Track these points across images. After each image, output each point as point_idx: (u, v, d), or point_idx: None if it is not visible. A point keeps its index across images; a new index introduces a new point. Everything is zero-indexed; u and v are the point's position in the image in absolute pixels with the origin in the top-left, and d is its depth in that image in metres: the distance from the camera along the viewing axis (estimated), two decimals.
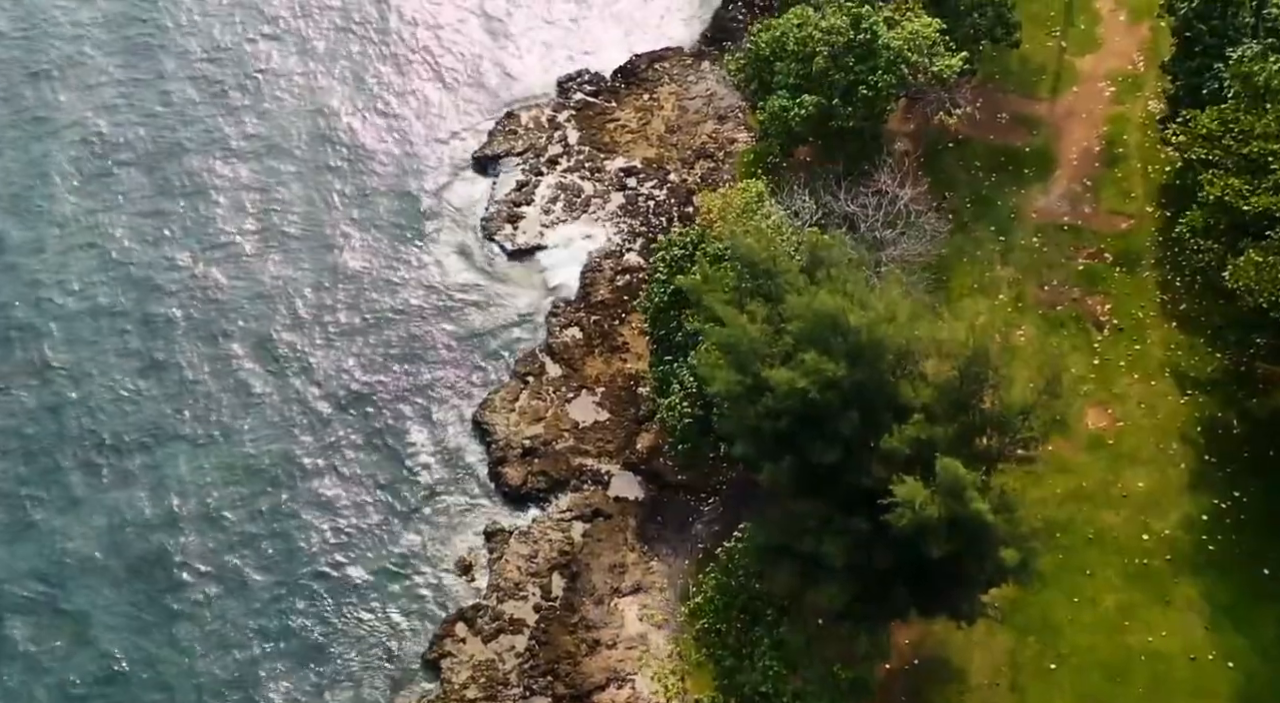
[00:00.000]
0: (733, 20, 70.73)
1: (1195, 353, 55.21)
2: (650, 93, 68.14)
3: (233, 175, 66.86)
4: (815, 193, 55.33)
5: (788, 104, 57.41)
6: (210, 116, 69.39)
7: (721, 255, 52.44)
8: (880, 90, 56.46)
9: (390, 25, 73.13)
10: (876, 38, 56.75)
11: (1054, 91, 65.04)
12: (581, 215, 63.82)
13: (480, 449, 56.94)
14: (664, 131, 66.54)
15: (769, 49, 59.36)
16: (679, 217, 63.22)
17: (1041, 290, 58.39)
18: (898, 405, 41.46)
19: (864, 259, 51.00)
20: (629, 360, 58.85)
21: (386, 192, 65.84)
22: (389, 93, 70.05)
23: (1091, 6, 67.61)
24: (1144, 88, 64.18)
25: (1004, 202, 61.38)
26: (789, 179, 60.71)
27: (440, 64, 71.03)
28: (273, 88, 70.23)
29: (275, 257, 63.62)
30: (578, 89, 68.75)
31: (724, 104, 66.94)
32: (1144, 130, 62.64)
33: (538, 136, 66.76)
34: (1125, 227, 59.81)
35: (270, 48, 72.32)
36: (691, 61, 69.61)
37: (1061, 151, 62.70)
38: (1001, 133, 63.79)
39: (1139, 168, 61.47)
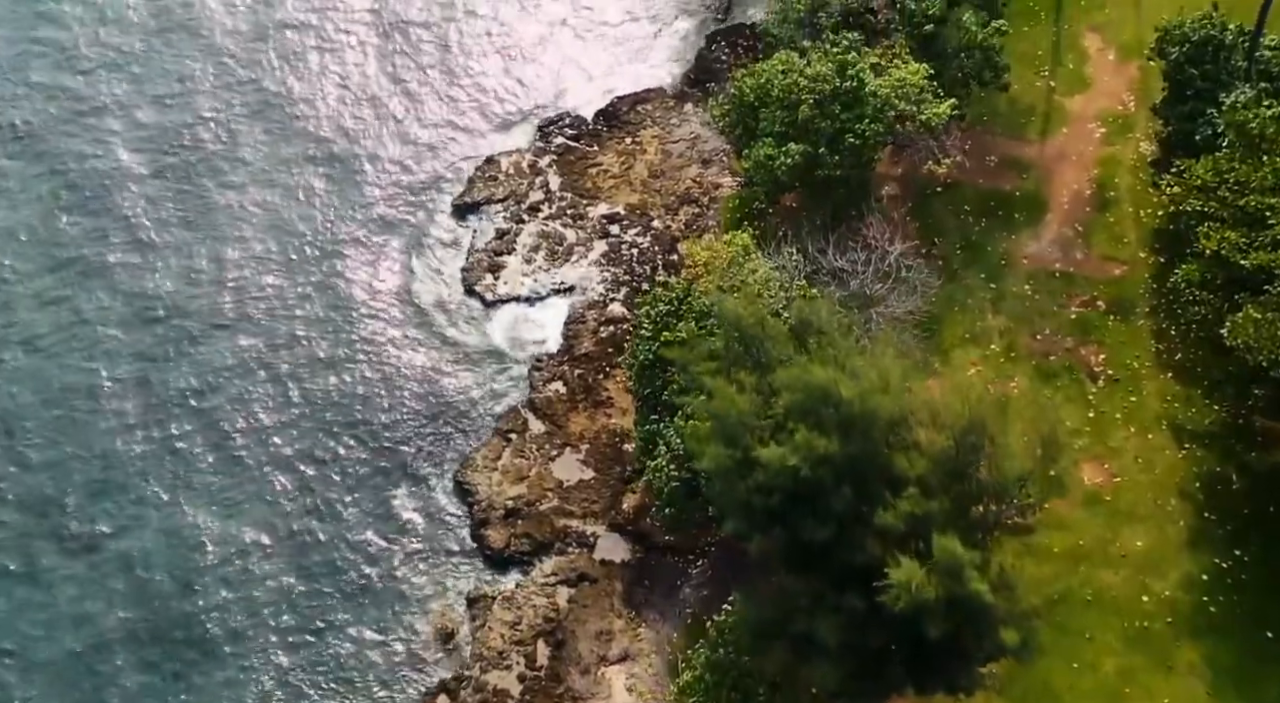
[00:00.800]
0: (716, 61, 69.49)
1: (1192, 405, 54.05)
2: (633, 136, 66.83)
3: (197, 222, 65.26)
4: (803, 245, 54.12)
5: (773, 153, 56.18)
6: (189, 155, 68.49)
7: (707, 312, 51.30)
8: (867, 139, 55.27)
9: (365, 71, 71.60)
10: (863, 85, 55.59)
11: (1043, 133, 63.91)
12: (564, 264, 62.43)
13: (462, 510, 55.40)
14: (647, 176, 65.24)
15: (753, 95, 58.21)
16: (663, 264, 61.93)
17: (1034, 340, 57.19)
18: (892, 477, 40.17)
19: (853, 319, 49.90)
20: (614, 415, 57.44)
21: (362, 242, 64.27)
22: (364, 140, 68.40)
23: (1079, 45, 66.59)
24: (1134, 129, 63.11)
25: (994, 248, 60.20)
26: (775, 227, 59.79)
27: (417, 109, 69.50)
28: (243, 139, 68.44)
29: (246, 314, 61.89)
30: (559, 133, 67.39)
31: (708, 147, 65.73)
32: (1135, 173, 61.56)
33: (518, 182, 65.38)
34: (1118, 273, 58.65)
35: (233, 99, 70.46)
36: (674, 103, 68.33)
37: (1052, 195, 61.58)
38: (991, 176, 62.67)
39: (1131, 212, 60.38)
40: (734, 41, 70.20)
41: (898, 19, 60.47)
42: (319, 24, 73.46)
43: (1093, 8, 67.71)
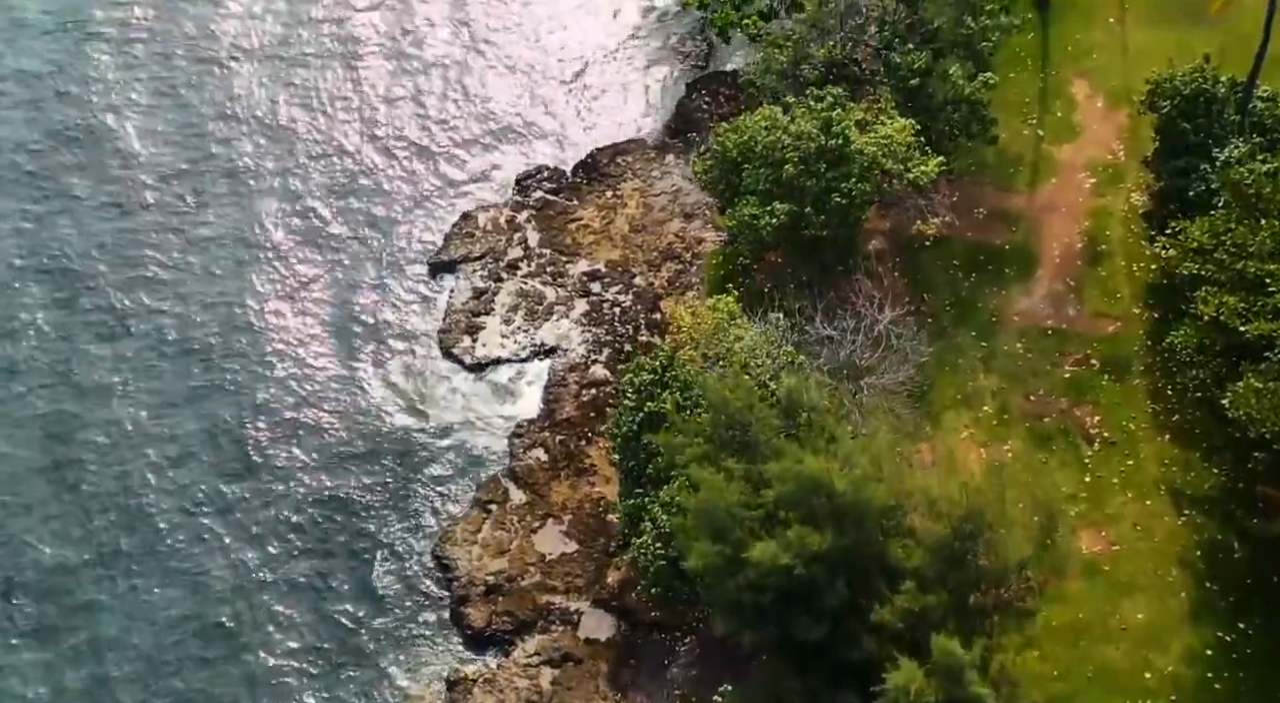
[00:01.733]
0: (697, 110, 67.96)
1: (1191, 469, 52.58)
2: (613, 189, 65.28)
3: (157, 280, 63.29)
4: (789, 309, 52.62)
5: (757, 212, 54.67)
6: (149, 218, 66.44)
7: (692, 382, 49.78)
8: (854, 198, 53.83)
9: (335, 125, 69.59)
10: (848, 143, 54.20)
11: (1032, 183, 62.55)
12: (544, 324, 60.70)
13: (441, 586, 53.50)
14: (628, 231, 63.65)
15: (736, 151, 56.77)
16: (646, 324, 60.30)
17: (1027, 400, 55.75)
18: (888, 567, 38.68)
19: (843, 389, 48.43)
20: (597, 484, 55.73)
21: (333, 304, 62.25)
22: (334, 197, 66.41)
23: (1067, 92, 65.30)
24: (1125, 179, 61.81)
25: (984, 304, 58.79)
26: (760, 284, 58.35)
27: (389, 165, 67.53)
28: (207, 197, 66.41)
29: (209, 383, 59.76)
30: (537, 187, 65.72)
31: (690, 201, 64.16)
32: (1127, 225, 60.28)
33: (496, 239, 63.69)
34: (1112, 330, 57.26)
35: (197, 157, 68.26)
36: (655, 154, 66.74)
37: (1043, 249, 60.16)
38: (979, 229, 61.27)
39: (1123, 266, 59.02)
40: (715, 90, 68.71)
41: (882, 71, 59.24)
42: (289, 78, 71.47)
43: (1080, 53, 66.54)
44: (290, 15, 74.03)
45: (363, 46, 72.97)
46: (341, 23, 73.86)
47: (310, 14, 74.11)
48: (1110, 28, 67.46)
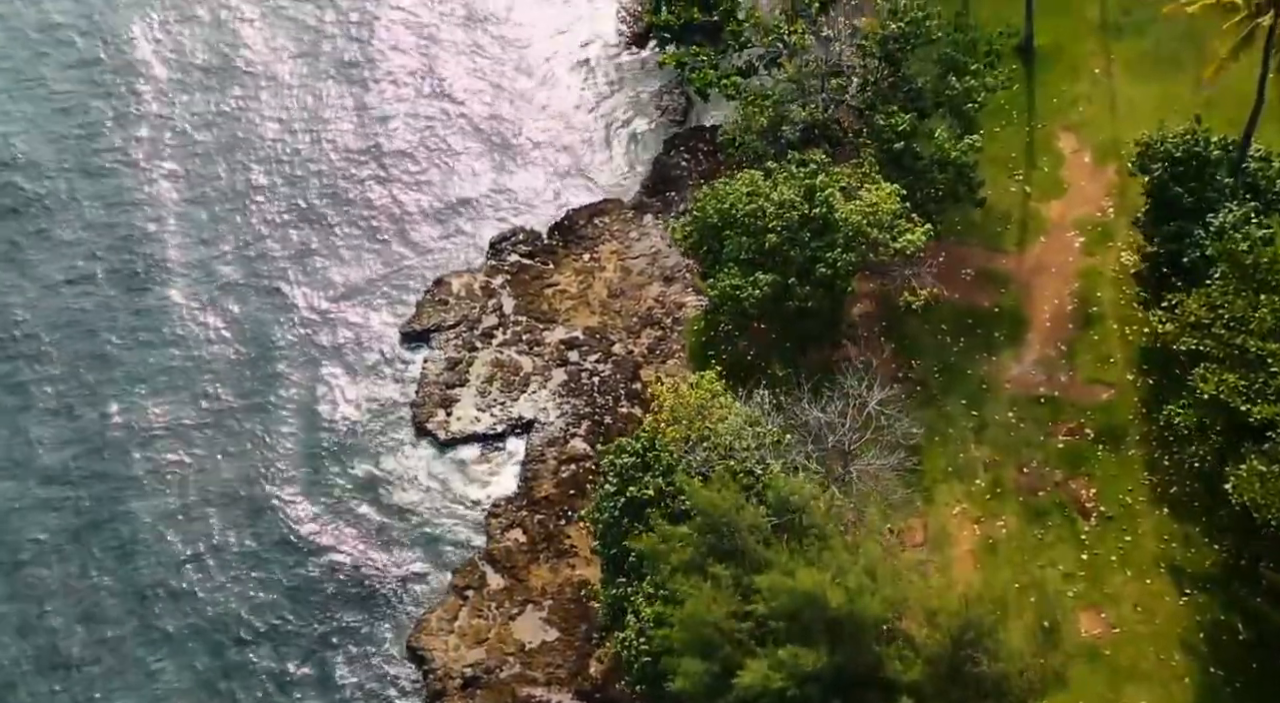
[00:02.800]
0: (675, 168, 66.13)
1: (1191, 545, 50.96)
2: (590, 252, 63.37)
3: (110, 356, 60.97)
4: (774, 387, 50.85)
5: (740, 283, 52.95)
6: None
7: (674, 467, 47.91)
8: (839, 270, 52.18)
9: (300, 185, 67.33)
10: (833, 212, 52.53)
11: (1020, 243, 60.95)
12: (520, 396, 58.70)
13: (416, 681, 51.33)
14: (606, 296, 61.71)
15: (717, 216, 55.04)
16: (626, 394, 58.38)
17: (1021, 473, 54.03)
18: (885, 682, 36.81)
19: (833, 472, 46.63)
20: (578, 566, 53.69)
21: (300, 377, 60.15)
22: (298, 263, 64.18)
23: (1054, 147, 63.74)
24: (1115, 237, 60.30)
25: (974, 370, 57.12)
26: (743, 353, 56.67)
27: (358, 227, 65.58)
28: (172, 265, 64.27)
29: (165, 461, 57.60)
30: (512, 250, 63.75)
31: (669, 263, 62.30)
32: (1118, 286, 58.67)
33: (470, 306, 61.65)
34: (1106, 397, 55.62)
35: (160, 221, 66.26)
36: (633, 215, 64.87)
37: (1033, 312, 58.53)
38: (968, 291, 59.62)
39: (1116, 329, 57.44)
40: (694, 146, 66.91)
41: (865, 132, 57.59)
42: (250, 138, 69.33)
43: (1066, 106, 65.09)
44: (255, 73, 72.13)
45: (327, 103, 70.98)
46: (305, 80, 71.86)
47: (277, 73, 72.14)
48: (1096, 79, 66.11)
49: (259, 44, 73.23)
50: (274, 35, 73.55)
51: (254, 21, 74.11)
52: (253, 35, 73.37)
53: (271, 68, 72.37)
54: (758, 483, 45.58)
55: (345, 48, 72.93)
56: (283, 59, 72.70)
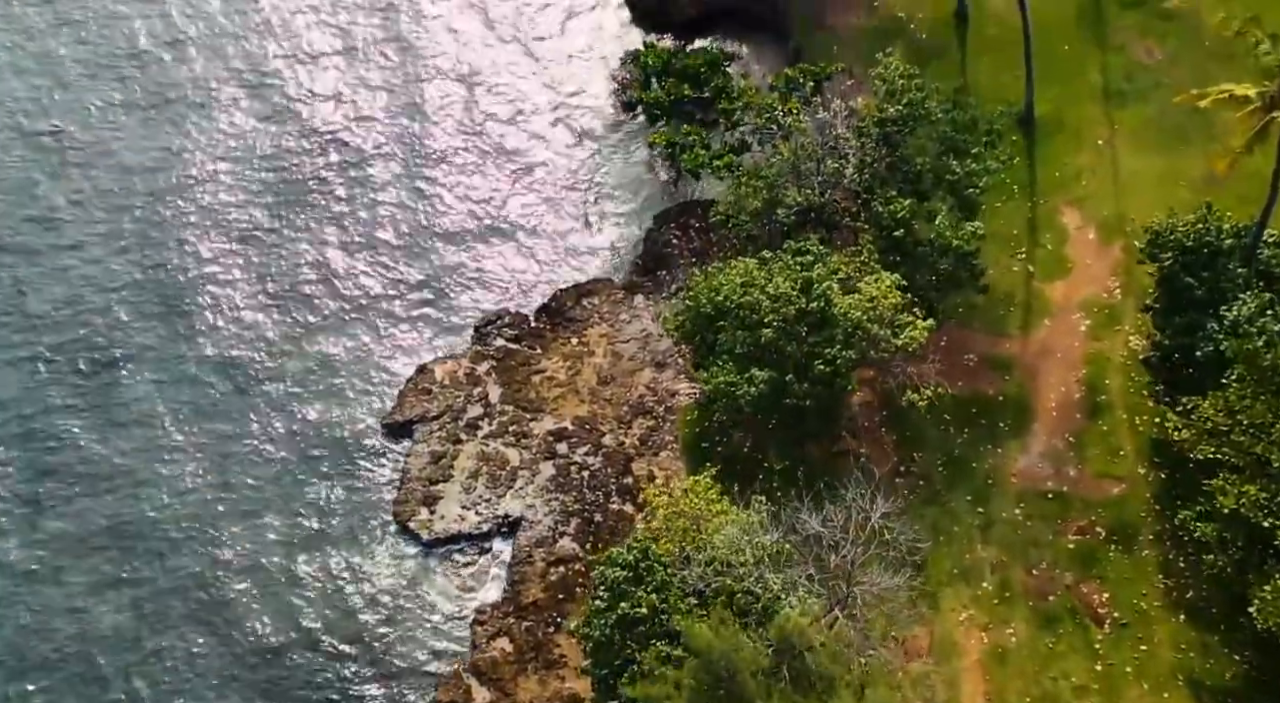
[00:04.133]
0: (667, 245, 63.96)
1: (1210, 654, 48.59)
2: (579, 336, 61.14)
3: (97, 469, 58.17)
4: (771, 493, 48.60)
5: (735, 380, 50.77)
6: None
7: (669, 582, 45.60)
8: (838, 367, 50.04)
9: (281, 262, 65.01)
10: (831, 306, 50.40)
11: (1024, 326, 58.75)
12: (507, 492, 56.33)
13: None
14: (596, 383, 59.46)
15: (710, 306, 52.91)
16: (617, 489, 56.04)
17: (1030, 575, 51.72)
18: None
19: (836, 592, 44.35)
20: (568, 678, 51.22)
21: (276, 478, 57.59)
22: (274, 350, 61.75)
23: (1057, 222, 61.66)
24: (1122, 320, 58.17)
25: (979, 463, 54.87)
26: (739, 445, 54.48)
27: (338, 311, 63.16)
28: (137, 346, 62.12)
29: (150, 579, 55.10)
30: (497, 334, 61.42)
31: (661, 348, 60.04)
32: (1127, 373, 56.50)
33: (455, 395, 59.35)
34: (1117, 492, 53.39)
35: (127, 304, 63.74)
36: (623, 295, 62.64)
37: (1038, 400, 56.33)
38: (971, 378, 57.42)
39: (1125, 419, 55.28)
40: (685, 222, 64.71)
41: (863, 215, 55.50)
42: (228, 211, 67.11)
43: (1068, 179, 63.02)
44: (228, 147, 69.83)
45: (305, 174, 68.62)
46: (280, 150, 69.60)
47: (255, 144, 69.91)
48: (1100, 151, 64.08)
49: (227, 126, 70.76)
50: (255, 108, 71.34)
51: (235, 103, 71.66)
52: (226, 115, 71.20)
53: (249, 139, 70.09)
54: (757, 604, 43.39)
55: (323, 112, 70.76)
56: (260, 128, 70.42)
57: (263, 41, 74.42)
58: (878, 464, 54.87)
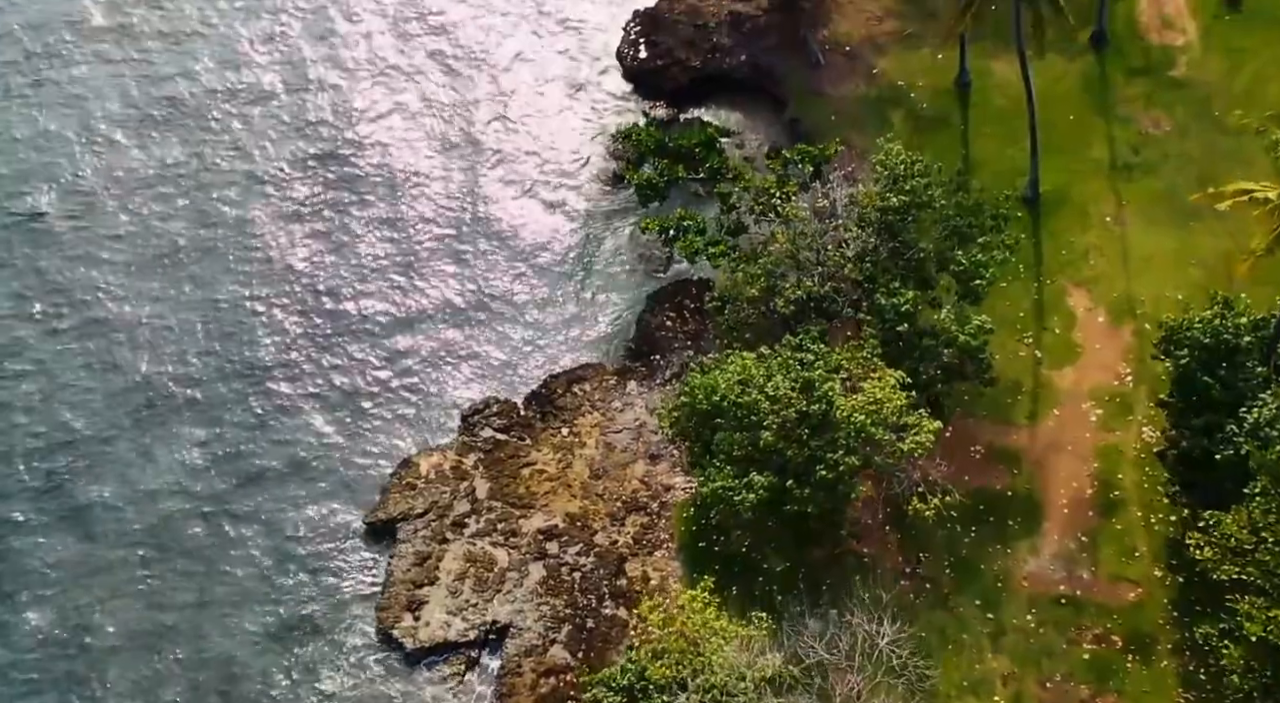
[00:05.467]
0: (660, 328, 61.55)
1: None
2: (570, 425, 58.79)
3: (57, 577, 55.49)
4: (771, 588, 46.24)
5: (733, 485, 48.50)
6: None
7: None
8: (841, 473, 47.78)
9: (252, 346, 62.40)
10: (833, 408, 48.16)
11: (1032, 416, 56.52)
12: (495, 596, 53.77)
13: None
14: (588, 477, 57.05)
15: (706, 403, 50.65)
16: (610, 592, 53.50)
17: (1044, 689, 49.22)
18: None
19: None
20: None
21: (254, 581, 54.98)
22: (252, 440, 59.10)
23: (1064, 305, 59.55)
24: (1134, 409, 56.00)
25: (988, 565, 52.53)
26: (738, 546, 52.16)
27: (324, 400, 60.63)
28: (110, 457, 59.12)
29: (114, 687, 52.44)
30: (485, 424, 58.96)
31: (655, 438, 57.55)
32: (1140, 467, 54.22)
33: (441, 491, 56.90)
34: (1133, 597, 51.08)
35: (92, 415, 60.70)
36: (615, 381, 60.27)
37: (1049, 496, 54.06)
38: (978, 472, 55.12)
39: (1139, 517, 53.02)
40: (679, 303, 62.27)
41: (865, 305, 53.24)
42: (210, 295, 64.63)
43: (1076, 258, 60.89)
44: (212, 236, 67.21)
45: (283, 257, 65.93)
46: (258, 237, 66.95)
47: (238, 229, 67.35)
48: (1107, 228, 62.10)
49: (206, 207, 68.21)
50: (239, 190, 68.88)
51: (218, 187, 69.01)
52: (204, 194, 68.80)
53: (230, 226, 67.27)
54: None
55: (300, 183, 68.58)
56: (239, 215, 67.77)
57: (229, 120, 72.02)
58: (882, 565, 52.84)
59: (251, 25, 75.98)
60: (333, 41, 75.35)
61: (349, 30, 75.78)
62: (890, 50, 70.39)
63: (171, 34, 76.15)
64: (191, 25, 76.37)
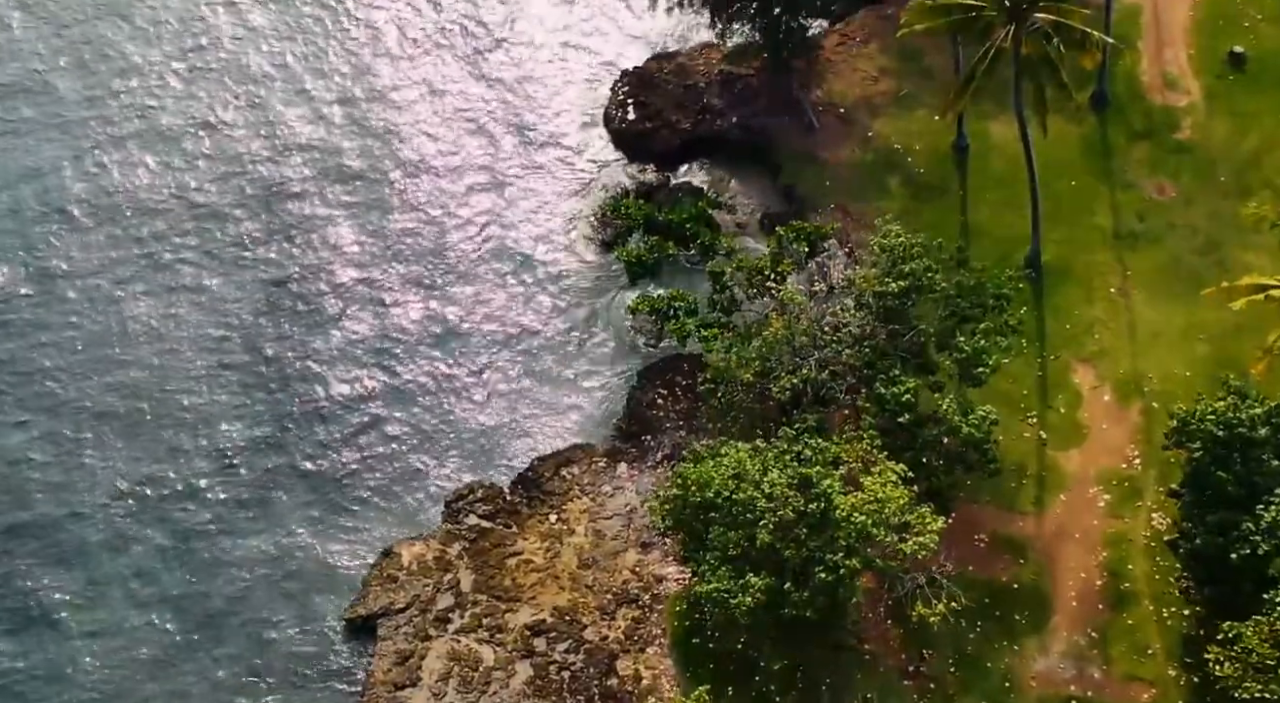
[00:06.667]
0: (651, 406, 59.17)
1: None
2: (558, 511, 56.51)
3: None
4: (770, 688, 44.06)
5: (729, 587, 46.38)
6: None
7: None
8: (842, 576, 45.66)
9: (233, 433, 59.61)
10: (833, 506, 46.10)
11: (1038, 502, 54.37)
12: (480, 698, 51.04)
13: None
14: (576, 567, 54.65)
15: (699, 496, 48.54)
16: (600, 693, 51.19)
17: None
18: None
19: None
20: None
21: (226, 685, 52.03)
22: (225, 532, 56.41)
23: (1069, 382, 57.52)
24: (1144, 494, 53.93)
25: (995, 663, 50.26)
26: (734, 641, 49.98)
27: (302, 486, 57.95)
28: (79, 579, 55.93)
29: None
30: (470, 510, 56.56)
31: (647, 523, 55.07)
32: (1151, 557, 52.12)
33: (423, 583, 54.50)
34: (1146, 699, 48.71)
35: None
36: (605, 464, 57.94)
37: (1057, 588, 51.90)
38: (982, 563, 52.96)
39: (1151, 611, 50.81)
40: (671, 380, 59.87)
41: (864, 392, 51.25)
42: (177, 397, 61.61)
43: (1080, 333, 58.90)
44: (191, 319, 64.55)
45: (249, 341, 63.08)
46: (222, 312, 64.31)
47: (212, 312, 64.51)
48: (1112, 301, 60.07)
49: (148, 300, 65.06)
50: (207, 273, 66.18)
51: (188, 273, 66.23)
52: (175, 274, 66.13)
53: (204, 308, 64.70)
54: None
55: (278, 263, 66.15)
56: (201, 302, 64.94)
57: (205, 183, 69.63)
58: (884, 663, 50.69)
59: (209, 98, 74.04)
60: (313, 104, 73.20)
61: (326, 96, 73.45)
62: (886, 111, 68.61)
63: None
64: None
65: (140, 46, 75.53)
